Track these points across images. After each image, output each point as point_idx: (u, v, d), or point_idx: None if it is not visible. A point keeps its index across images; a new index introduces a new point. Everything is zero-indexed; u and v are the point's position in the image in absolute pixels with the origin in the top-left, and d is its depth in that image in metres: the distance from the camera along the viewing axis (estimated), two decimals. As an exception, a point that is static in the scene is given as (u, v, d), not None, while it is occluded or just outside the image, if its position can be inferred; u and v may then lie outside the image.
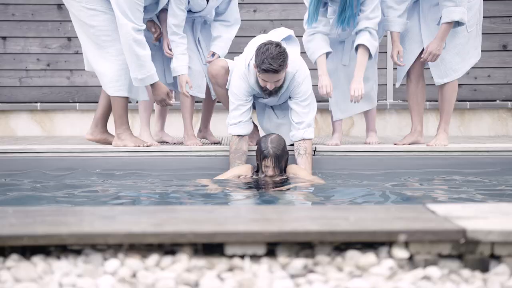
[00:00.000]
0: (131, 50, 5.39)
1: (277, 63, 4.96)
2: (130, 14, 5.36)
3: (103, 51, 5.55)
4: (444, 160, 5.59)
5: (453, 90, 5.81)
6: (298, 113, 5.33)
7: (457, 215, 2.56)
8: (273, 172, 4.91)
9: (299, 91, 5.31)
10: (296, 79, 5.29)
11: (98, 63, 5.59)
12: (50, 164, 5.47)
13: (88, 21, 5.53)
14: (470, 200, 4.16)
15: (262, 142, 4.97)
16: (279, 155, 4.89)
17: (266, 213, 2.66)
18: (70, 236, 2.30)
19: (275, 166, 4.89)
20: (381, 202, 4.13)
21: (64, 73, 7.85)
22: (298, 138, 5.31)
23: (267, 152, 4.87)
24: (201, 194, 4.61)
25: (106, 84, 5.58)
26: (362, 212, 2.65)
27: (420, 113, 5.92)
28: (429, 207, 2.71)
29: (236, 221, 2.48)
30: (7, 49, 7.83)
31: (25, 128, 7.66)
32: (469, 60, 5.80)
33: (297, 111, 5.34)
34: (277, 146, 4.91)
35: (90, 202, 4.21)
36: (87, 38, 5.60)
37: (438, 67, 5.72)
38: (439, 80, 5.74)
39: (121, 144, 5.63)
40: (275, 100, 5.45)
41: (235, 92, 5.33)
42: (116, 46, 5.53)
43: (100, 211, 2.73)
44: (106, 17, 5.52)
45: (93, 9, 5.51)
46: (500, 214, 2.59)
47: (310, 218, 2.53)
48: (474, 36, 5.78)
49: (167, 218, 2.54)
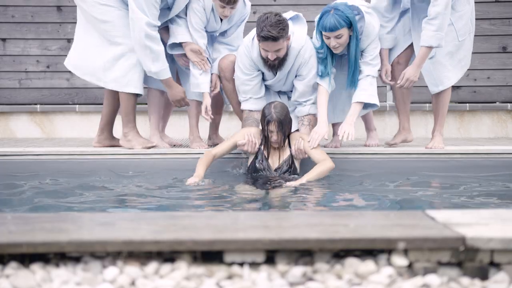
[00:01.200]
0: (143, 45, 5.38)
1: (276, 30, 5.06)
2: (146, 9, 5.35)
3: (114, 47, 5.54)
4: (444, 162, 5.59)
5: (447, 94, 5.83)
6: (303, 93, 5.47)
7: (456, 222, 2.56)
8: (277, 137, 5.05)
9: (306, 68, 5.40)
10: (302, 55, 5.37)
11: (108, 59, 5.58)
12: (49, 166, 5.47)
13: (100, 17, 5.52)
14: (470, 204, 4.15)
15: (265, 108, 5.12)
16: (282, 120, 5.03)
17: (265, 219, 2.65)
18: (69, 244, 2.30)
19: (279, 130, 5.03)
20: (381, 205, 4.12)
21: (64, 74, 7.83)
22: (304, 113, 5.50)
23: (271, 117, 5.01)
24: (203, 194, 4.60)
25: (115, 80, 5.56)
26: (361, 218, 2.65)
27: (406, 112, 5.94)
28: (429, 214, 2.71)
29: (235, 228, 2.47)
30: (7, 51, 7.82)
31: (25, 130, 7.65)
32: (461, 68, 5.81)
33: (301, 90, 5.46)
34: (281, 111, 5.05)
35: (90, 204, 4.20)
36: (97, 35, 5.59)
37: (431, 75, 5.71)
38: (434, 88, 5.74)
39: (128, 144, 5.62)
40: (282, 82, 5.50)
41: (239, 65, 5.46)
42: (127, 42, 5.52)
43: (99, 217, 2.73)
44: (119, 13, 5.52)
45: (106, 5, 5.50)
46: (499, 221, 2.59)
47: (309, 225, 2.52)
48: (466, 45, 5.76)
49: (166, 225, 2.53)
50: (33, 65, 7.84)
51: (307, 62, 5.40)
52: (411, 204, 4.16)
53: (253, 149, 5.17)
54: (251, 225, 2.53)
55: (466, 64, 5.87)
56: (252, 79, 5.45)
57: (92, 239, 2.32)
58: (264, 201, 4.55)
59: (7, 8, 7.79)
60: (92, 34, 5.64)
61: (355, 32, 5.32)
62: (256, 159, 5.19)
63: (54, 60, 7.83)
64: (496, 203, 4.28)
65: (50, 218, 2.66)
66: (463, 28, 5.69)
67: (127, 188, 4.88)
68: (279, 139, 5.07)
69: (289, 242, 2.33)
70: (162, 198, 4.48)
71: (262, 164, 5.16)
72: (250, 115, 5.48)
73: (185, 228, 2.48)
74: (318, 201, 4.42)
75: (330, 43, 5.30)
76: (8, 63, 7.82)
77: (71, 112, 7.68)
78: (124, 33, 5.52)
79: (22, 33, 7.81)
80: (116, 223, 2.58)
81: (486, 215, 2.71)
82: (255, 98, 5.49)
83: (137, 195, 4.55)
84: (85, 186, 4.86)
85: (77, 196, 4.48)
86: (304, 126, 5.47)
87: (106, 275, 2.30)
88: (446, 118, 7.08)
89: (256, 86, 5.48)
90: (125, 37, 5.52)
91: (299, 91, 5.48)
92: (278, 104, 5.13)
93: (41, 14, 7.81)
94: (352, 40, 5.36)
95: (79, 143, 6.46)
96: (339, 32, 5.24)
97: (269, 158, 5.19)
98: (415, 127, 7.60)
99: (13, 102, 7.81)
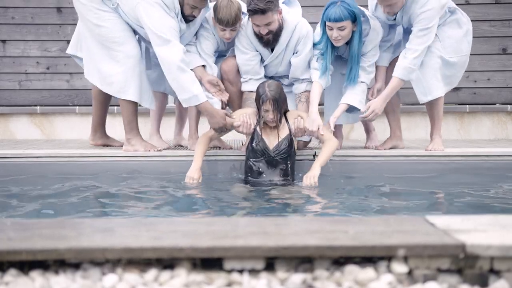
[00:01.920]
0: (173, 78, 5.28)
1: (263, 3, 5.15)
2: (176, 34, 5.31)
3: (111, 53, 5.52)
4: (444, 164, 5.59)
5: (441, 99, 5.78)
6: (300, 69, 5.53)
7: (456, 228, 2.55)
8: (273, 116, 5.07)
9: (303, 44, 5.47)
10: (299, 30, 5.45)
11: (105, 65, 5.55)
12: (49, 168, 5.47)
13: (96, 21, 5.49)
14: (470, 207, 4.14)
15: (259, 87, 5.15)
16: (277, 98, 5.05)
17: (264, 225, 2.65)
18: (68, 251, 2.30)
19: (275, 109, 5.05)
20: (381, 209, 4.11)
21: (64, 76, 7.85)
22: (301, 90, 5.56)
23: (265, 96, 5.04)
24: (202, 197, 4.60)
25: (114, 87, 5.54)
26: (361, 224, 2.64)
27: (396, 119, 5.95)
28: (429, 219, 2.70)
29: (235, 235, 2.47)
30: (7, 53, 7.83)
31: (25, 131, 7.65)
32: (448, 84, 5.75)
33: (298, 66, 5.51)
34: (275, 89, 5.08)
35: (89, 207, 4.20)
36: (95, 41, 5.56)
37: (420, 83, 5.65)
38: (422, 97, 5.69)
39: (131, 149, 5.61)
40: (279, 60, 5.55)
41: (237, 45, 5.54)
42: (123, 49, 5.49)
43: (99, 223, 2.72)
44: (115, 19, 5.50)
45: (103, 10, 5.48)
46: (499, 227, 2.58)
47: (309, 231, 2.52)
48: (458, 65, 5.71)
49: (166, 231, 2.53)
50: (33, 67, 7.85)
51: (305, 37, 5.46)
52: (410, 208, 4.16)
53: (248, 130, 5.22)
54: (250, 231, 2.52)
55: (454, 82, 5.80)
56: (251, 59, 5.52)
57: (92, 246, 2.32)
58: (262, 201, 4.56)
59: (7, 9, 7.80)
60: (88, 41, 5.61)
61: (359, 27, 5.34)
62: (253, 141, 5.19)
63: (54, 62, 7.85)
64: (497, 206, 4.26)
65: (49, 224, 2.66)
66: (451, 47, 5.65)
67: (127, 190, 4.88)
68: (275, 118, 5.09)
69: (288, 250, 2.33)
70: (161, 201, 4.47)
71: (259, 145, 5.16)
72: (250, 95, 5.53)
73: (184, 235, 2.48)
74: (318, 204, 4.41)
75: (332, 34, 5.32)
76: (8, 65, 7.84)
77: (71, 114, 7.69)
78: (121, 40, 5.49)
79: (22, 35, 7.81)
80: (116, 229, 2.57)
81: (486, 221, 2.70)
82: (255, 79, 5.53)
83: (137, 198, 4.55)
84: (85, 189, 4.86)
85: (76, 199, 4.48)
86: (302, 103, 5.53)
87: (106, 282, 2.30)
88: (446, 119, 7.12)
89: (256, 66, 5.54)
90: (120, 44, 5.49)
91: (296, 67, 5.52)
92: (272, 82, 5.17)
93: (41, 15, 7.82)
94: (355, 35, 5.37)
95: (79, 145, 6.46)
96: (342, 24, 5.25)
97: (266, 138, 5.20)
98: (415, 128, 7.61)
99: (13, 104, 7.82)
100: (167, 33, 5.26)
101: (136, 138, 5.64)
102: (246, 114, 5.24)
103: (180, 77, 5.24)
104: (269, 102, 5.03)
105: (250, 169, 5.18)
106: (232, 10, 5.31)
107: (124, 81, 5.50)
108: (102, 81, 5.59)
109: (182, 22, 5.40)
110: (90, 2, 5.49)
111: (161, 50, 5.26)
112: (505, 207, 4.17)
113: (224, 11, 5.30)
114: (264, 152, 5.15)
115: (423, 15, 5.38)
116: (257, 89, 5.18)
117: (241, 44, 5.51)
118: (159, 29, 5.26)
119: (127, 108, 5.61)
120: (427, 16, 5.38)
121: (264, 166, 5.15)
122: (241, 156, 5.41)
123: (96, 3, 5.48)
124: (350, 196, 4.65)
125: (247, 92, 5.56)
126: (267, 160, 5.15)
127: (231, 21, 5.32)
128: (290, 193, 4.80)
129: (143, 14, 5.30)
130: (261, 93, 5.07)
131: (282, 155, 5.15)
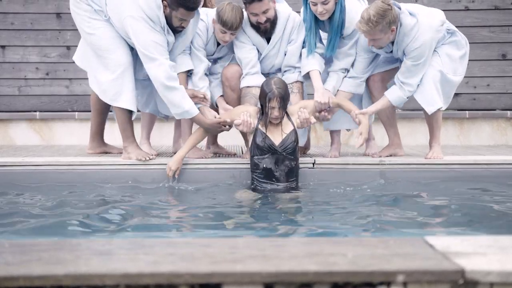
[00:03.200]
0: (163, 95, 5.39)
1: None
2: (162, 51, 5.35)
3: (103, 61, 5.52)
4: (444, 173, 5.59)
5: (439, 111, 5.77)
6: (294, 57, 5.67)
7: (455, 251, 2.54)
8: (278, 113, 5.12)
9: (297, 32, 5.65)
10: (293, 19, 5.65)
11: (99, 73, 5.57)
12: (48, 177, 5.47)
13: (88, 30, 5.51)
14: (469, 221, 4.13)
15: (265, 85, 5.20)
16: (283, 96, 5.13)
17: (263, 247, 2.64)
18: (66, 277, 2.29)
19: (281, 106, 5.12)
20: (381, 220, 4.09)
21: (63, 82, 7.85)
22: (293, 80, 5.66)
23: (272, 93, 5.10)
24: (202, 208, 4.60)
25: (107, 95, 5.55)
26: (360, 246, 2.64)
27: (393, 126, 5.94)
28: (428, 241, 2.69)
29: (233, 258, 2.46)
30: (6, 58, 7.83)
31: (24, 137, 7.65)
32: (444, 100, 5.73)
33: (292, 53, 5.66)
34: (282, 87, 5.17)
35: (88, 219, 4.18)
36: (90, 49, 5.58)
37: (423, 96, 5.63)
38: (430, 108, 5.67)
39: (127, 157, 5.61)
40: (276, 50, 5.67)
41: (234, 41, 5.64)
42: (114, 57, 5.50)
43: (97, 245, 2.72)
44: (106, 28, 5.50)
45: (94, 19, 5.49)
46: (499, 250, 2.57)
47: (308, 254, 2.51)
48: (453, 83, 5.69)
49: (163, 254, 2.52)
50: (33, 72, 7.85)
51: (298, 26, 5.64)
52: (410, 223, 4.13)
53: (249, 129, 5.26)
54: (249, 255, 2.51)
55: (447, 101, 5.78)
56: (249, 51, 5.63)
57: (90, 272, 2.31)
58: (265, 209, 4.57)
59: (6, 15, 7.80)
60: (88, 50, 5.62)
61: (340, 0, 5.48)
62: (256, 138, 5.22)
63: (54, 67, 7.84)
64: (496, 217, 4.25)
65: (47, 246, 2.65)
66: (448, 65, 5.64)
67: (125, 200, 4.87)
68: (280, 115, 5.14)
69: (287, 275, 2.32)
70: (161, 214, 4.46)
71: (265, 141, 5.18)
72: (248, 91, 5.60)
73: (182, 258, 2.47)
74: (317, 217, 4.39)
75: (317, 9, 5.44)
76: (7, 70, 7.84)
77: (70, 119, 7.69)
78: (109, 47, 5.50)
79: (21, 40, 7.82)
80: (114, 252, 2.57)
81: (485, 242, 2.69)
82: (251, 74, 5.62)
83: (136, 210, 4.53)
84: (84, 199, 4.85)
85: (75, 209, 4.46)
86: (294, 94, 5.60)
87: (104, 307, 2.29)
88: (445, 125, 7.12)
89: (253, 60, 5.64)
90: (111, 51, 5.50)
91: (291, 54, 5.66)
92: (278, 79, 5.24)
93: (40, 21, 7.82)
94: (337, 7, 5.49)
95: (78, 151, 6.47)
96: None
97: (270, 135, 5.23)
98: (415, 134, 7.61)
99: (13, 109, 7.82)
100: (153, 51, 5.31)
101: (132, 145, 5.64)
102: (247, 112, 5.27)
103: (169, 95, 5.34)
104: (276, 99, 5.09)
105: (256, 167, 5.21)
106: (237, 14, 5.46)
107: (116, 89, 5.51)
108: (99, 89, 5.59)
109: (170, 35, 5.42)
110: (84, 12, 5.52)
111: (149, 68, 5.35)
112: (505, 220, 4.15)
113: (230, 14, 5.43)
114: (271, 148, 5.18)
115: (414, 52, 5.42)
116: (262, 86, 5.24)
117: (237, 39, 5.62)
118: (145, 47, 5.32)
119: (121, 116, 5.62)
120: (418, 53, 5.44)
121: (270, 163, 5.18)
122: (243, 164, 5.42)
123: (89, 12, 5.51)
124: (351, 206, 4.63)
125: (245, 88, 5.62)
126: (273, 156, 5.19)
127: (235, 25, 5.46)
128: (291, 201, 4.80)
129: (130, 30, 5.37)
130: (268, 91, 5.11)
131: (288, 151, 5.19)
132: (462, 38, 5.66)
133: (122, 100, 5.53)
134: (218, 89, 5.74)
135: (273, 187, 5.11)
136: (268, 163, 5.16)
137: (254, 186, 5.16)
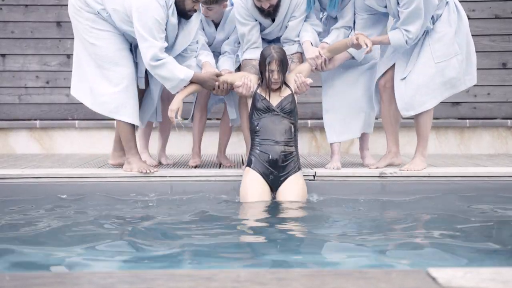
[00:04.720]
0: (153, 73, 5.42)
1: None
2: (156, 34, 5.35)
3: (105, 72, 5.50)
4: (445, 185, 5.57)
5: (428, 115, 5.72)
6: (295, 30, 5.78)
7: (458, 285, 2.54)
8: (278, 76, 5.31)
9: (299, 10, 5.75)
10: (295, 0, 5.74)
11: (97, 85, 5.52)
12: (48, 189, 5.47)
13: (91, 40, 5.48)
14: (471, 243, 4.10)
15: (265, 50, 5.41)
16: (282, 59, 5.33)
17: (265, 280, 2.64)
18: (68, 316, 2.29)
19: (280, 70, 5.31)
20: (382, 249, 4.05)
21: (63, 90, 7.84)
22: (292, 51, 5.80)
23: (271, 56, 5.32)
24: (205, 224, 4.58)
25: (105, 107, 5.53)
26: (362, 280, 2.63)
27: (394, 134, 5.91)
28: (431, 273, 2.69)
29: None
30: (6, 67, 7.83)
31: (24, 145, 7.65)
32: (446, 91, 5.68)
33: (293, 27, 5.77)
34: (280, 51, 5.39)
35: (88, 240, 4.16)
36: (90, 59, 5.53)
37: (402, 97, 5.63)
38: (404, 112, 5.67)
39: (129, 169, 5.61)
40: (279, 27, 5.80)
41: (237, 18, 5.76)
42: (119, 69, 5.48)
43: (98, 278, 2.71)
44: (112, 39, 5.49)
45: (98, 29, 5.48)
46: (501, 284, 2.57)
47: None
48: (452, 66, 5.63)
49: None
50: (33, 81, 7.84)
51: (300, 4, 5.75)
52: (411, 256, 4.04)
53: (247, 92, 5.44)
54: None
55: (455, 85, 5.69)
56: (251, 29, 5.75)
57: (92, 310, 2.31)
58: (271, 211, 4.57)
59: (6, 23, 7.79)
60: (83, 58, 5.58)
61: None
62: (255, 101, 5.37)
63: (54, 76, 7.84)
64: (496, 248, 4.18)
65: (49, 279, 2.65)
66: (441, 50, 5.59)
67: (125, 215, 4.84)
68: (280, 79, 5.32)
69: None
70: (165, 229, 4.44)
71: (263, 102, 5.35)
72: (249, 62, 5.75)
73: (185, 293, 2.47)
74: (319, 237, 4.38)
75: None
76: (7, 79, 7.83)
77: (71, 128, 7.69)
78: (114, 59, 5.49)
79: (21, 49, 7.81)
80: (115, 286, 2.56)
81: (488, 275, 2.68)
82: (252, 48, 5.78)
83: (137, 228, 4.51)
84: (84, 214, 4.82)
85: (74, 226, 4.43)
86: (294, 63, 5.76)
87: None
88: (446, 134, 7.12)
89: (255, 36, 5.79)
90: (116, 64, 5.49)
91: (291, 28, 5.79)
92: (277, 46, 5.47)
93: (40, 29, 7.81)
94: None
95: (79, 160, 6.46)
96: None
97: (268, 98, 5.37)
98: (415, 143, 7.59)
99: (13, 118, 7.81)
100: (149, 32, 5.32)
101: (134, 158, 5.63)
102: (248, 77, 5.48)
103: (159, 72, 5.38)
104: (275, 62, 5.29)
105: (255, 128, 5.34)
106: None
107: (118, 101, 5.50)
108: (93, 100, 5.56)
109: (173, 16, 5.44)
110: (86, 20, 5.48)
111: (141, 47, 5.37)
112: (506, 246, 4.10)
113: None
114: (268, 108, 5.33)
115: None
116: (261, 53, 5.44)
117: (241, 16, 5.75)
118: (143, 26, 5.31)
119: (124, 129, 5.60)
120: None
121: (268, 123, 5.30)
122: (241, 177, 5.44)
123: (91, 21, 5.47)
124: (352, 229, 4.58)
125: (246, 60, 5.79)
126: (271, 116, 5.32)
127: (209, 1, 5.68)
128: (292, 219, 4.80)
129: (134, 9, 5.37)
130: (267, 55, 5.33)
131: (285, 111, 5.33)
132: (453, 11, 5.60)
133: (126, 114, 5.52)
134: (226, 64, 5.87)
135: (273, 150, 5.23)
136: (266, 121, 5.30)
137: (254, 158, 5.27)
